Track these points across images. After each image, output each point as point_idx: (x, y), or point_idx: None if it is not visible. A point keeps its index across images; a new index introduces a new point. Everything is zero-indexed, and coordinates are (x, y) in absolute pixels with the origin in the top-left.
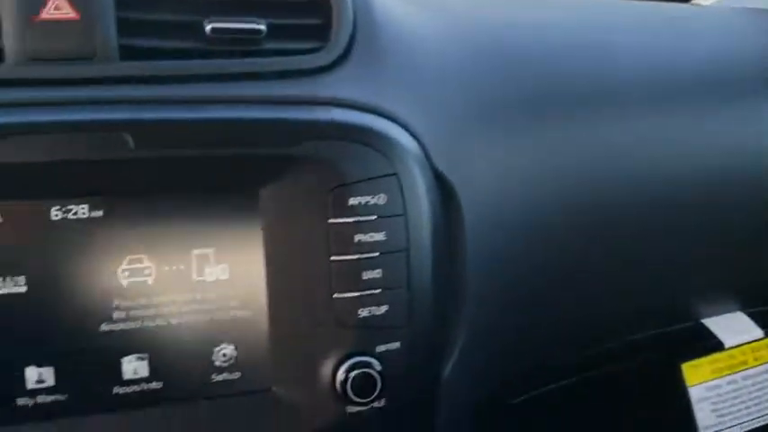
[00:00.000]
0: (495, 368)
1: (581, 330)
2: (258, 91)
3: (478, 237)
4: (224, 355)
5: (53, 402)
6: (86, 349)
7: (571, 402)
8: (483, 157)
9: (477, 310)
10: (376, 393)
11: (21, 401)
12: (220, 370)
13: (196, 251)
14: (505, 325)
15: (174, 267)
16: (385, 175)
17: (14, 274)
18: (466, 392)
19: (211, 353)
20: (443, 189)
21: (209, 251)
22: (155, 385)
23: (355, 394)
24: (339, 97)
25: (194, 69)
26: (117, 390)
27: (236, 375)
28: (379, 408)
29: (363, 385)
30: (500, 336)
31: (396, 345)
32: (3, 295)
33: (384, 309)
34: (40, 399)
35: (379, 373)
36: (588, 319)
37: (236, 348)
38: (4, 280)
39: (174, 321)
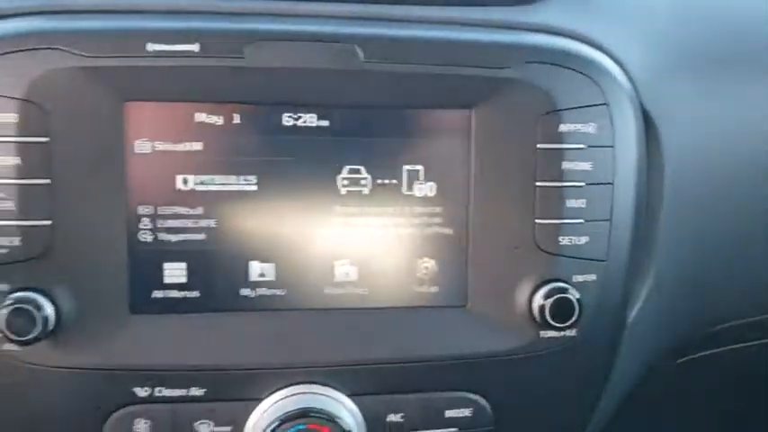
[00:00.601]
0: (674, 321)
1: (760, 296)
2: (476, 15)
3: (675, 182)
4: (425, 268)
5: (272, 296)
6: (305, 250)
7: (731, 370)
8: (686, 103)
9: (666, 257)
10: (573, 320)
11: (244, 292)
12: (421, 282)
13: (407, 167)
14: (689, 276)
15: (387, 181)
16: (596, 105)
17: (247, 173)
18: (645, 342)
19: (414, 265)
20: (647, 128)
21: (420, 168)
22: (361, 291)
23: (553, 318)
24: (553, 25)
25: None
26: (328, 290)
27: (435, 289)
28: (570, 337)
29: (562, 310)
30: (683, 287)
31: (592, 277)
32: (236, 192)
33: (585, 239)
34: (261, 291)
35: (577, 300)
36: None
37: (436, 263)
38: (237, 178)
39: (383, 232)
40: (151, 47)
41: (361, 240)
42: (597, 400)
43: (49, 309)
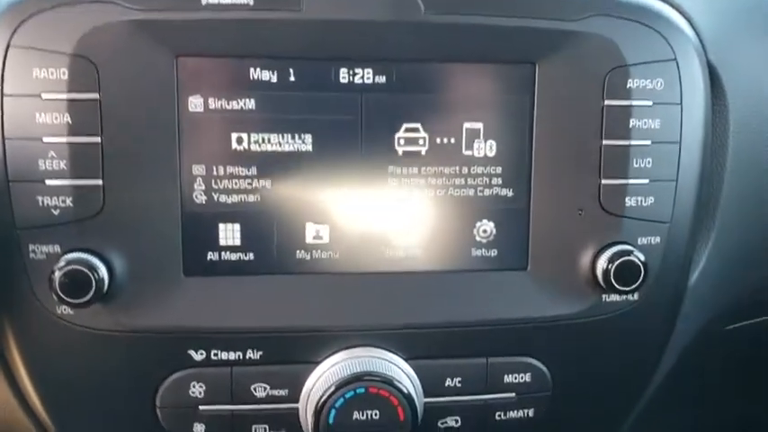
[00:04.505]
0: (732, 285)
1: None
2: None
3: (740, 142)
4: (484, 231)
5: (328, 259)
6: (360, 211)
7: None
8: (752, 59)
9: (728, 218)
10: (637, 284)
11: (299, 255)
12: (479, 245)
13: (467, 125)
14: (749, 239)
15: (446, 140)
16: (665, 60)
17: (302, 131)
18: (704, 306)
19: (472, 227)
20: (713, 85)
21: (480, 126)
22: (418, 253)
23: (617, 282)
24: None
25: None
26: (385, 253)
27: (494, 253)
28: (632, 301)
29: (627, 274)
30: (742, 249)
31: (657, 239)
32: (291, 152)
33: (650, 200)
34: (316, 254)
35: (642, 263)
36: None
37: (495, 226)
38: (292, 137)
39: (440, 193)
40: (206, 0)
41: (418, 202)
42: (656, 366)
43: (103, 270)
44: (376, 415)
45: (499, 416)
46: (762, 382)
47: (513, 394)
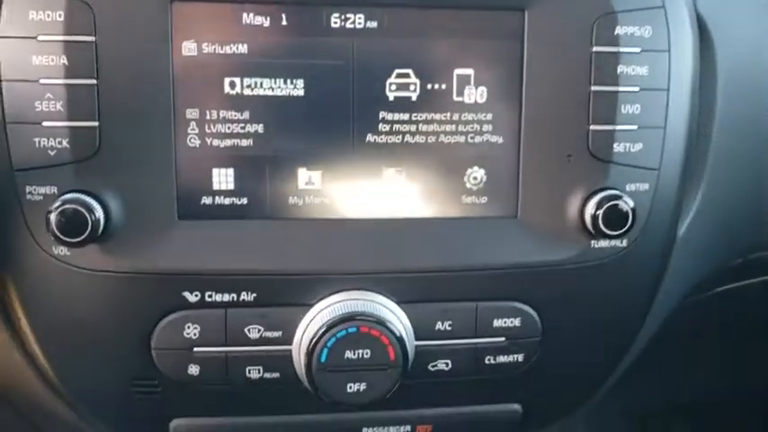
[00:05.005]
0: (723, 240)
1: None
2: None
3: (728, 92)
4: (474, 178)
5: (321, 204)
6: (351, 157)
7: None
8: (741, 12)
9: (718, 169)
10: (625, 229)
11: (292, 200)
12: (469, 192)
13: (458, 71)
14: (740, 191)
15: (437, 86)
16: (653, 8)
17: (294, 77)
18: (694, 260)
19: (463, 174)
20: (702, 35)
21: (471, 72)
22: (408, 200)
23: (606, 227)
24: None
25: None
26: (375, 199)
27: (484, 200)
28: (621, 248)
29: (615, 219)
30: (733, 201)
31: (645, 186)
32: (283, 96)
33: (639, 147)
34: (309, 200)
35: (630, 209)
36: None
37: (486, 173)
38: (284, 81)
39: (431, 140)
40: None
41: (408, 148)
42: (644, 318)
43: (99, 211)
44: (367, 354)
45: (489, 360)
46: (755, 354)
47: (503, 338)
